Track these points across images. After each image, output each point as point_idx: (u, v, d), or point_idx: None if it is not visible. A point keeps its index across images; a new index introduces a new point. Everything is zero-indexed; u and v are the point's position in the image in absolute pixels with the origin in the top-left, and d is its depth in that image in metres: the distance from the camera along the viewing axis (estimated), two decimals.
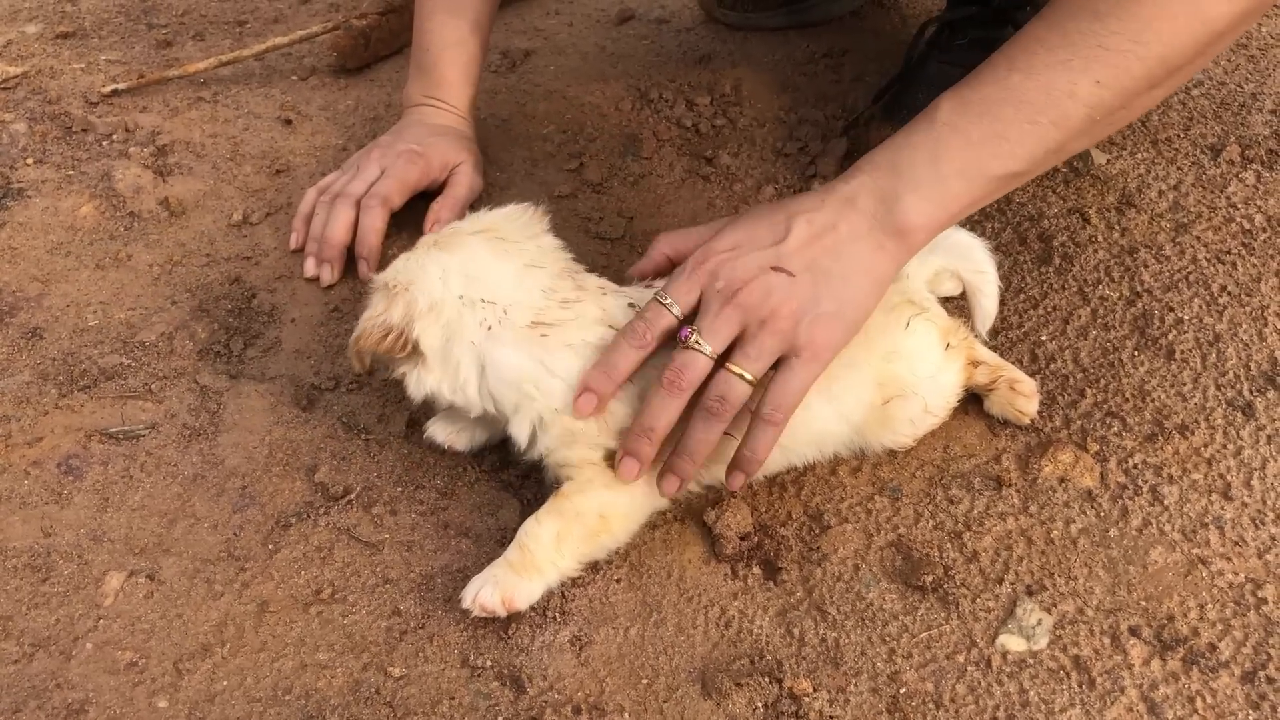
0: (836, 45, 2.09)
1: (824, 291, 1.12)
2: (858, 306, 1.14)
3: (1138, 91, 1.11)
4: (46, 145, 1.90)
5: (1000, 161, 1.12)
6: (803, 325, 1.12)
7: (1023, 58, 1.12)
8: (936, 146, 1.13)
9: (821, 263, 1.13)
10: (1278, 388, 1.36)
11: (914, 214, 1.13)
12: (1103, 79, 1.09)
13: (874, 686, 1.11)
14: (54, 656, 1.16)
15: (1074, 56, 1.09)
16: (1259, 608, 1.14)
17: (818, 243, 1.14)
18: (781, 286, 1.12)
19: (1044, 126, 1.11)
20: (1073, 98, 1.09)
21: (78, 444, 1.38)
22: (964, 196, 1.14)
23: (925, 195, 1.13)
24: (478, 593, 1.15)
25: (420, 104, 1.76)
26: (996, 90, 1.12)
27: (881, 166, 1.16)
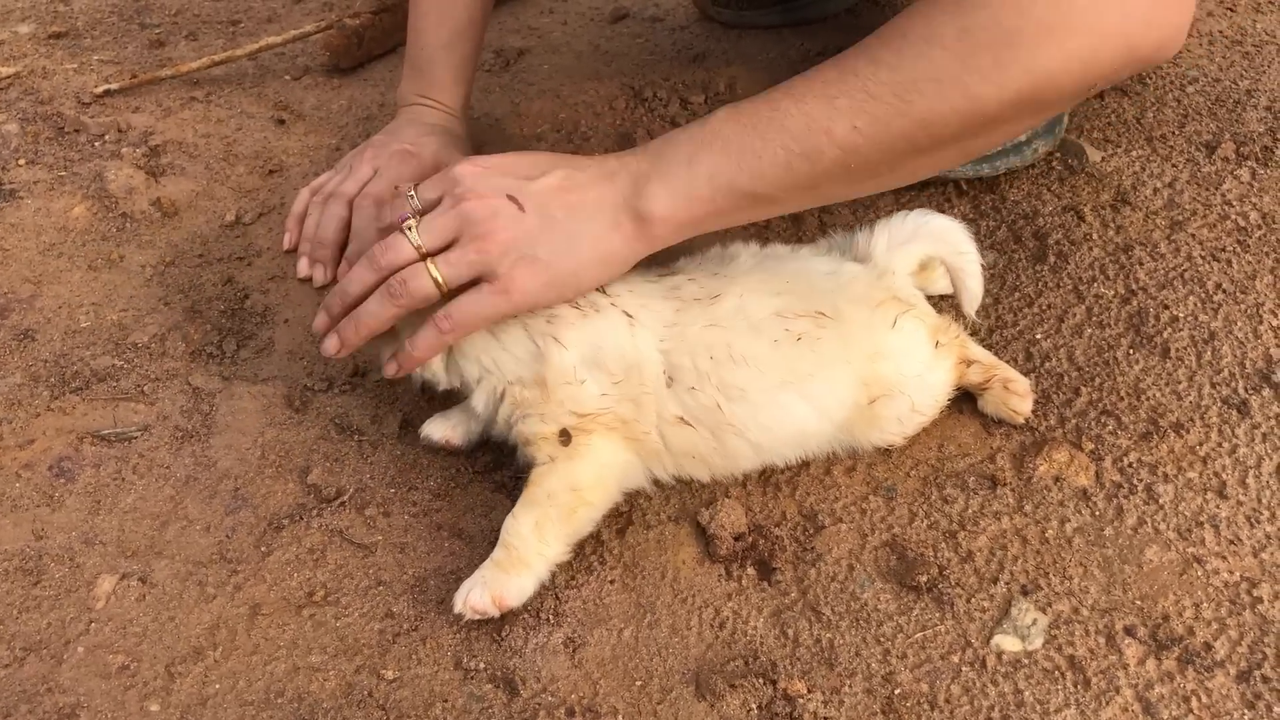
0: (831, 43, 2.08)
1: (544, 238, 1.16)
2: (571, 269, 1.17)
3: (897, 150, 1.10)
4: (39, 146, 1.90)
5: (747, 178, 1.13)
6: (508, 257, 1.15)
7: (801, 86, 1.12)
8: (697, 147, 1.15)
9: (555, 213, 1.16)
10: (1273, 385, 1.36)
11: (656, 202, 1.15)
12: (860, 125, 1.08)
13: (869, 687, 1.10)
14: (45, 660, 1.16)
15: (841, 96, 1.09)
16: (1254, 606, 1.14)
17: (562, 195, 1.17)
18: (506, 213, 1.16)
19: (795, 156, 1.11)
20: (829, 135, 1.09)
21: (69, 446, 1.38)
22: (707, 201, 1.15)
23: (672, 188, 1.15)
24: (468, 595, 1.15)
25: (414, 103, 1.76)
26: (766, 110, 1.13)
27: (649, 152, 1.18)
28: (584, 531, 1.22)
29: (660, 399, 1.20)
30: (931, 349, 1.27)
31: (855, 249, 1.32)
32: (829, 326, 1.22)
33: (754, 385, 1.20)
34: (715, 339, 1.20)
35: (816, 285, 1.26)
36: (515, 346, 1.22)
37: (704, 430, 1.21)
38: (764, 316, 1.21)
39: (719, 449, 1.23)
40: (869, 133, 1.09)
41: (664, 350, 1.21)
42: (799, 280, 1.26)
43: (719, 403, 1.19)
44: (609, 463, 1.21)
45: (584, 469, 1.19)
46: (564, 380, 1.19)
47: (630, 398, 1.20)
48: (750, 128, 1.13)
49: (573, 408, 1.20)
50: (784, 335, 1.20)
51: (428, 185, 1.23)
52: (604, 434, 1.20)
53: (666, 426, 1.22)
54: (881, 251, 1.30)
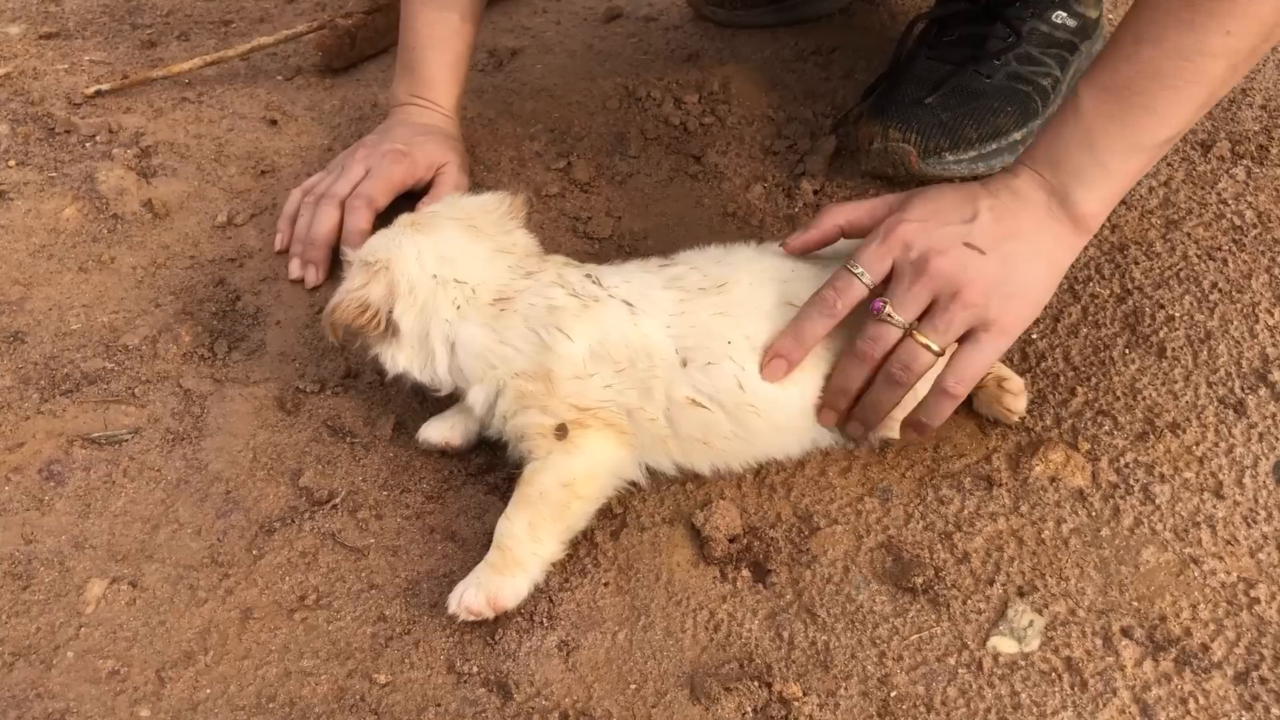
0: (825, 42, 2.08)
1: (1010, 272, 1.16)
2: (1039, 288, 1.19)
3: (1268, 30, 1.11)
4: (29, 147, 1.88)
5: (1153, 132, 1.16)
6: (993, 301, 1.16)
7: (1146, 28, 1.14)
8: (1089, 136, 1.17)
9: (1007, 245, 1.17)
10: (1269, 385, 1.35)
11: (1085, 204, 1.18)
12: (1233, 28, 1.10)
13: (864, 690, 1.10)
14: (34, 665, 1.15)
15: (1195, 15, 1.10)
16: (1251, 607, 1.13)
17: (1002, 225, 1.18)
18: (974, 262, 1.16)
19: (1186, 88, 1.13)
20: (1205, 54, 1.11)
21: (60, 449, 1.37)
22: (1128, 174, 1.19)
23: (1090, 184, 1.18)
24: (462, 596, 1.14)
25: (406, 103, 1.75)
26: (1129, 66, 1.15)
27: (1041, 162, 1.21)
28: (578, 527, 1.21)
29: (671, 381, 1.20)
30: None
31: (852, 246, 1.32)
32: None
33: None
34: (728, 326, 1.21)
35: (822, 275, 1.25)
36: (518, 340, 1.22)
37: (720, 411, 1.21)
38: (774, 305, 1.22)
39: (736, 430, 1.22)
40: (1241, 29, 1.10)
41: (674, 335, 1.21)
42: (803, 268, 1.26)
43: (740, 383, 1.19)
44: (602, 458, 1.21)
45: (577, 463, 1.19)
46: (573, 374, 1.19)
47: (637, 385, 1.20)
48: (1129, 92, 1.15)
49: (576, 401, 1.19)
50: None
51: (871, 255, 1.19)
52: (600, 429, 1.20)
53: (676, 410, 1.21)
54: None
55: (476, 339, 1.24)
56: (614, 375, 1.20)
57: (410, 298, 1.25)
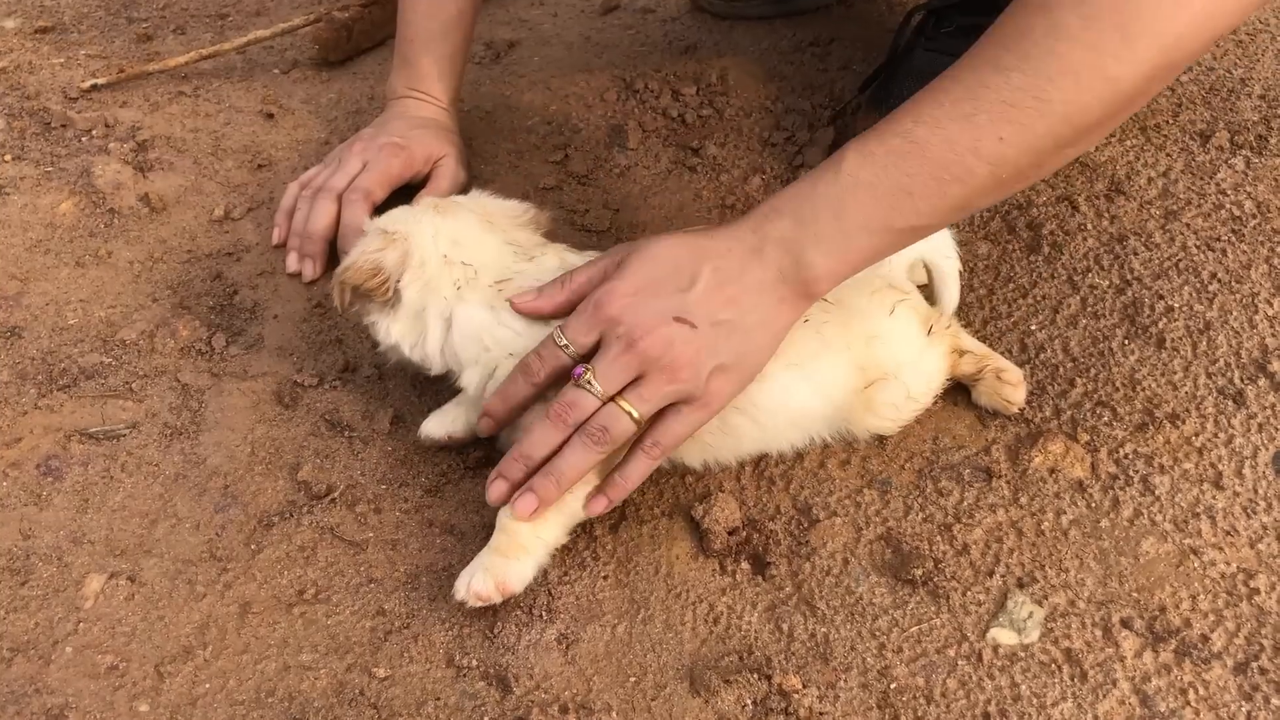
0: (823, 34, 2.07)
1: (723, 344, 1.12)
2: (754, 359, 1.15)
3: (1044, 150, 1.08)
4: (25, 141, 1.88)
5: (904, 216, 1.11)
6: (699, 376, 1.12)
7: (928, 110, 1.09)
8: (842, 200, 1.11)
9: (723, 315, 1.12)
10: (1268, 375, 1.35)
11: (818, 268, 1.12)
12: (1006, 136, 1.05)
13: (864, 682, 1.10)
14: (33, 661, 1.15)
15: (978, 111, 1.06)
16: (1251, 598, 1.13)
17: (721, 292, 1.13)
18: (682, 338, 1.11)
19: (948, 183, 1.08)
20: (977, 154, 1.07)
21: (57, 444, 1.37)
22: (867, 250, 1.13)
23: (828, 250, 1.11)
24: (470, 582, 1.14)
25: (403, 96, 1.74)
26: (902, 143, 1.09)
27: (787, 215, 1.13)
28: (581, 514, 1.21)
29: None
30: (925, 335, 1.27)
31: None
32: (831, 312, 1.21)
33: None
34: None
35: None
36: (515, 321, 1.23)
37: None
38: None
39: (722, 426, 1.22)
40: (1015, 140, 1.06)
41: None
42: None
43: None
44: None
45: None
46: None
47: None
48: (892, 166, 1.09)
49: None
50: None
51: (577, 328, 1.15)
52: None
53: None
54: None
55: (474, 319, 1.24)
56: None
57: (419, 270, 1.26)
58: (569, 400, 1.13)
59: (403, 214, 1.34)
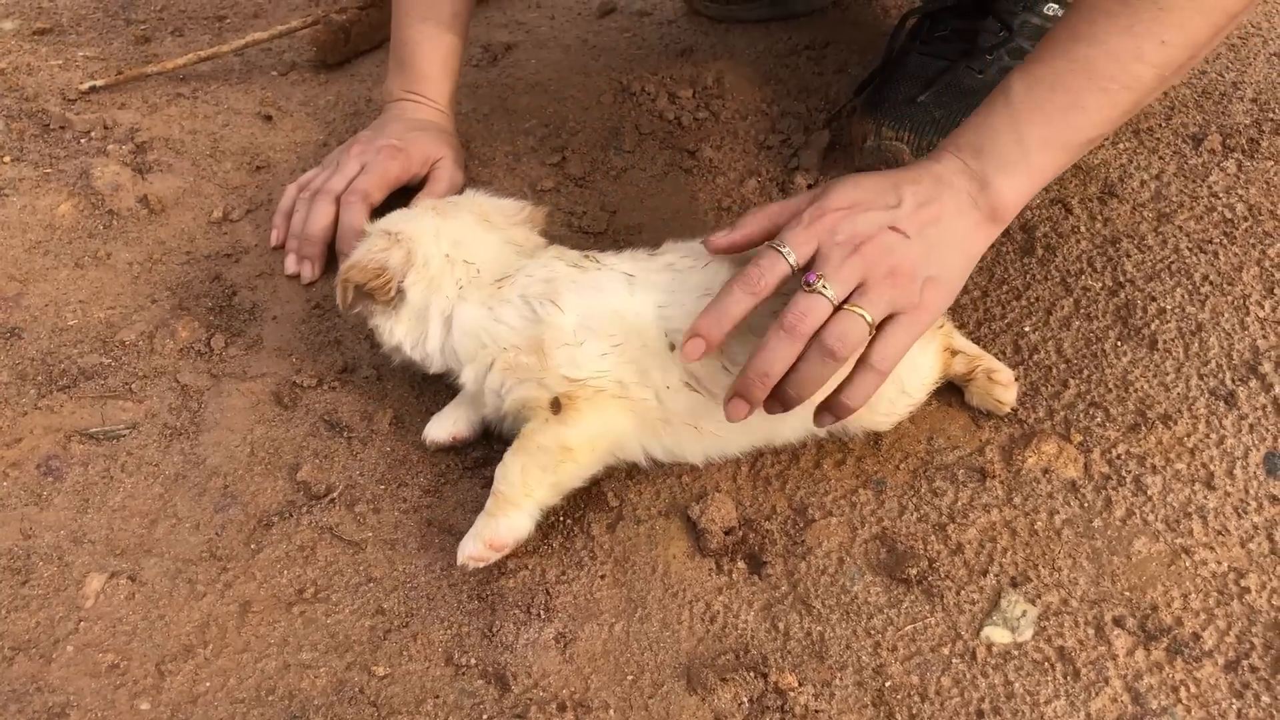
0: (819, 37, 2.08)
1: (934, 255, 1.16)
2: (955, 277, 1.19)
3: (1203, 43, 1.14)
4: (24, 143, 1.88)
5: (1079, 131, 1.17)
6: (917, 283, 1.15)
7: (1084, 27, 1.15)
8: (1017, 125, 1.18)
9: (929, 231, 1.17)
10: (1259, 377, 1.36)
11: (1006, 192, 1.18)
12: (1168, 39, 1.12)
13: (859, 680, 1.11)
14: (34, 659, 1.15)
15: (1135, 22, 1.12)
16: (1242, 597, 1.14)
17: (925, 211, 1.17)
18: (900, 245, 1.15)
19: (1116, 92, 1.14)
20: (1140, 61, 1.13)
21: (57, 445, 1.37)
22: (1049, 167, 1.19)
23: (1013, 173, 1.18)
24: (463, 548, 1.18)
25: (400, 99, 1.75)
26: (1065, 63, 1.16)
27: (966, 149, 1.20)
28: (570, 485, 1.23)
29: (664, 363, 1.21)
30: None
31: None
32: None
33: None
34: None
35: None
36: (512, 316, 1.24)
37: (711, 396, 1.21)
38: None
39: (719, 416, 1.21)
40: (1177, 40, 1.12)
41: (664, 317, 1.21)
42: None
43: (724, 365, 1.20)
44: (602, 432, 1.22)
45: (576, 433, 1.20)
46: (562, 341, 1.20)
47: (631, 361, 1.21)
48: (1060, 87, 1.16)
49: (569, 371, 1.20)
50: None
51: (795, 238, 1.15)
52: (597, 400, 1.20)
53: (670, 392, 1.22)
54: None
55: (472, 317, 1.26)
56: (610, 347, 1.21)
57: (423, 270, 1.28)
58: (802, 309, 1.12)
59: (403, 215, 1.36)
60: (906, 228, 1.15)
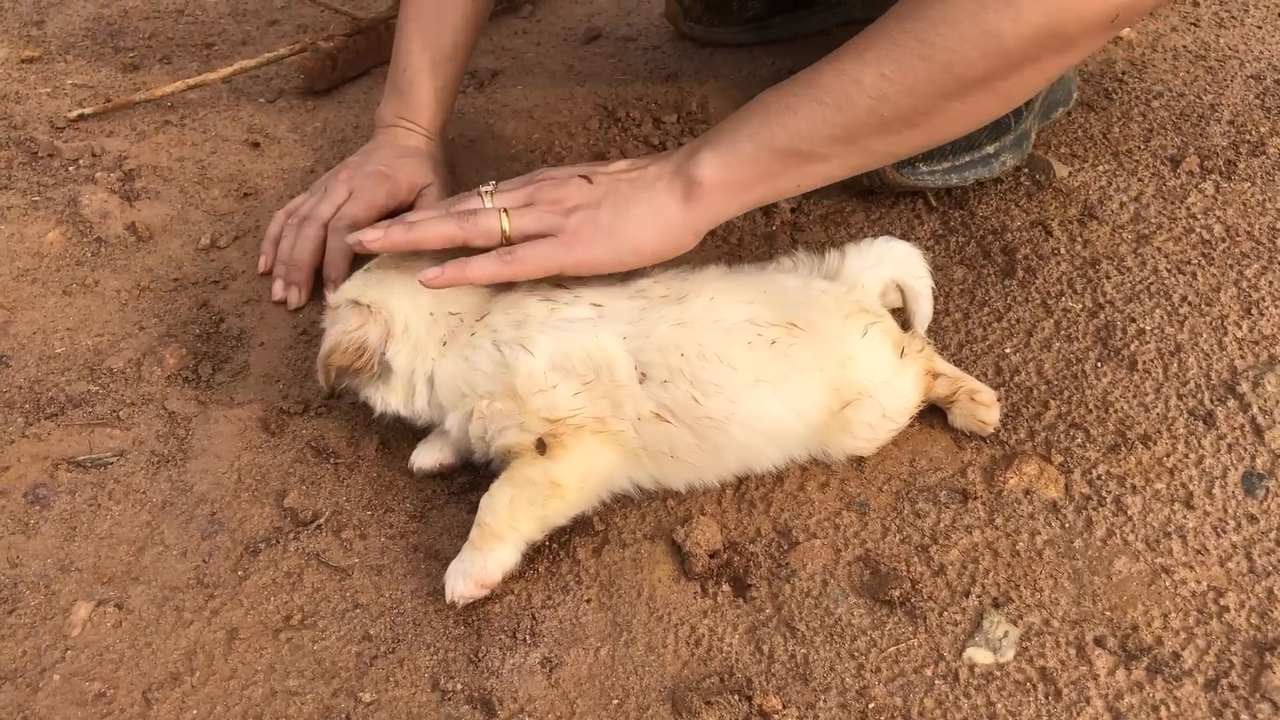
0: (802, 62, 2.08)
1: (608, 205, 1.27)
2: (631, 234, 1.26)
3: (926, 94, 1.17)
4: (12, 171, 1.89)
5: (787, 135, 1.22)
6: (574, 216, 1.26)
7: (839, 50, 1.22)
8: (744, 115, 1.26)
9: (620, 187, 1.28)
10: (1238, 396, 1.38)
11: (704, 167, 1.25)
12: (888, 73, 1.16)
13: (843, 702, 1.11)
14: (20, 689, 1.15)
15: (869, 49, 1.18)
16: (1221, 615, 1.16)
17: (625, 173, 1.30)
18: (576, 186, 1.29)
19: (829, 108, 1.19)
20: (858, 84, 1.18)
21: (44, 473, 1.38)
22: (753, 163, 1.25)
23: (719, 153, 1.25)
24: (452, 589, 1.19)
25: (392, 125, 1.76)
26: (804, 74, 1.23)
27: (704, 134, 1.30)
28: (555, 522, 1.24)
29: (634, 395, 1.21)
30: (898, 357, 1.30)
31: (824, 268, 1.35)
32: (801, 337, 1.24)
33: (728, 381, 1.21)
34: (684, 338, 1.22)
35: (788, 297, 1.27)
36: (485, 363, 1.25)
37: (682, 426, 1.22)
38: (736, 321, 1.24)
39: (700, 444, 1.24)
40: (895, 78, 1.16)
41: (632, 349, 1.22)
42: (770, 292, 1.28)
43: (694, 396, 1.21)
44: (590, 468, 1.23)
45: (565, 470, 1.21)
46: (536, 388, 1.21)
47: (604, 396, 1.21)
48: (788, 91, 1.23)
49: (547, 414, 1.21)
50: (757, 339, 1.22)
51: (510, 183, 1.33)
52: (581, 436, 1.21)
53: (643, 423, 1.23)
54: (852, 270, 1.33)
55: (450, 370, 1.27)
56: (581, 386, 1.21)
57: (404, 337, 1.28)
58: (464, 196, 1.32)
59: (368, 281, 1.33)
60: (596, 177, 1.28)
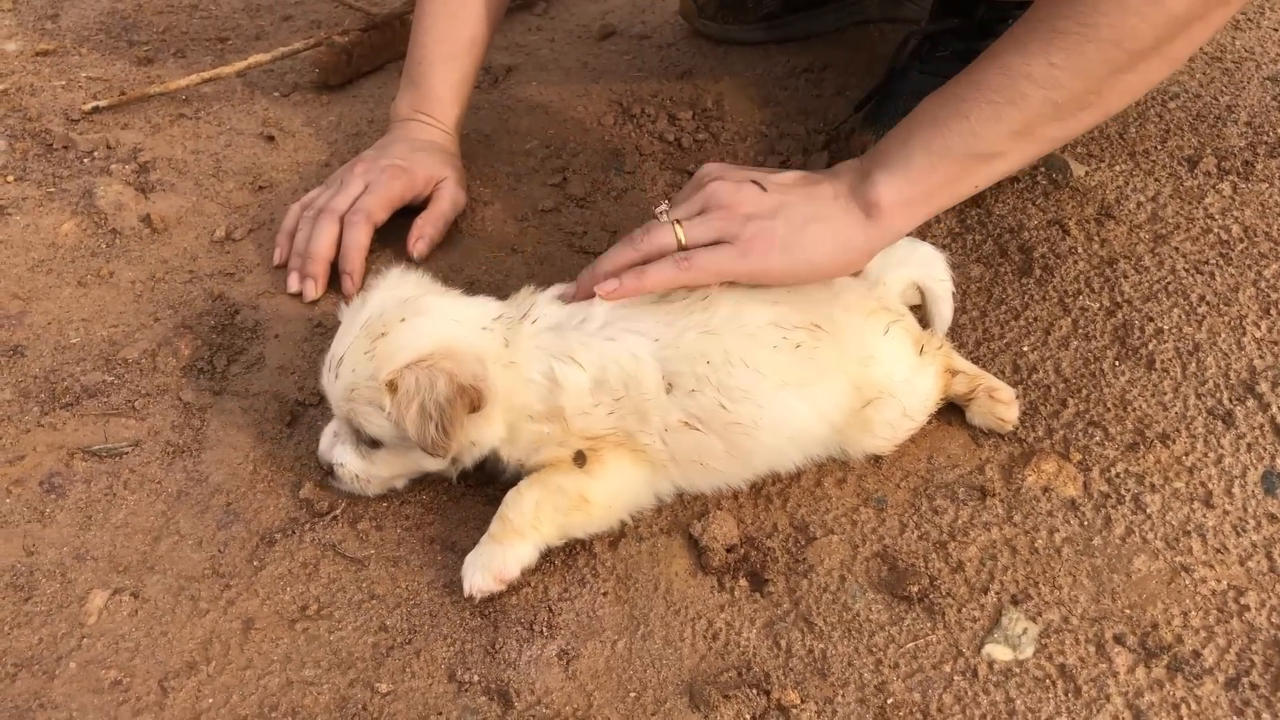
0: (817, 60, 2.10)
1: (784, 217, 1.23)
2: (809, 250, 1.23)
3: (1096, 74, 1.15)
4: (27, 163, 1.89)
5: (962, 139, 1.20)
6: (750, 225, 1.22)
7: (995, 48, 1.19)
8: (909, 129, 1.23)
9: (793, 199, 1.24)
10: (1257, 396, 1.37)
11: (883, 187, 1.22)
12: (1057, 60, 1.14)
13: (861, 697, 1.11)
14: (37, 676, 1.15)
15: (1031, 39, 1.16)
16: (1241, 614, 1.15)
17: (799, 187, 1.26)
18: (750, 193, 1.24)
19: (1001, 105, 1.17)
20: (1029, 78, 1.15)
21: (60, 462, 1.38)
22: (930, 173, 1.22)
23: (892, 171, 1.22)
24: (470, 581, 1.19)
25: (408, 118, 1.76)
26: (965, 77, 1.20)
27: (867, 153, 1.27)
28: (575, 534, 1.24)
29: (662, 406, 1.21)
30: (918, 355, 1.29)
31: None
32: (824, 339, 1.23)
33: (755, 386, 1.21)
34: (711, 345, 1.21)
35: (810, 297, 1.27)
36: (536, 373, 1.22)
37: (711, 434, 1.22)
38: (761, 325, 1.23)
39: (730, 451, 1.24)
40: (1065, 64, 1.14)
41: (660, 358, 1.22)
42: (794, 292, 1.27)
43: (722, 403, 1.21)
44: (621, 488, 1.23)
45: (599, 486, 1.21)
46: (580, 410, 1.21)
47: (634, 410, 1.21)
48: (953, 96, 1.21)
49: (586, 433, 1.22)
50: (782, 343, 1.22)
51: (679, 205, 1.28)
52: (615, 452, 1.22)
53: (671, 434, 1.22)
54: (874, 269, 1.33)
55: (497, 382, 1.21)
56: (614, 402, 1.22)
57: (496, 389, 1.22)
58: (646, 227, 1.25)
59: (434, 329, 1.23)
60: (770, 185, 1.25)
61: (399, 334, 1.20)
